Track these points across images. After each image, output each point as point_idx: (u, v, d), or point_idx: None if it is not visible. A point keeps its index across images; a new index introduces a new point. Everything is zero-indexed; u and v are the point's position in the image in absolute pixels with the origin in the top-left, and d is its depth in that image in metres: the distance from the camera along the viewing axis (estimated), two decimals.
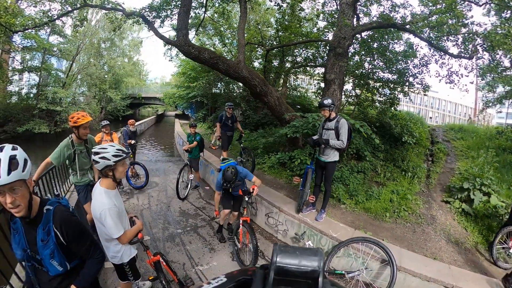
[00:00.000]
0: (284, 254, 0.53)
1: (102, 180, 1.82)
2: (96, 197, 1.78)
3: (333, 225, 3.54)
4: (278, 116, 6.07)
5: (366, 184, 5.16)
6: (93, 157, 1.74)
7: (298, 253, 0.54)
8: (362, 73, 7.40)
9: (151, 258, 2.36)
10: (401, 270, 2.81)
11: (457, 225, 4.22)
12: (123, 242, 1.86)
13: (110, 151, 1.75)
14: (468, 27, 5.45)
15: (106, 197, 1.74)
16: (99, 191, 1.79)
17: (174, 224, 4.42)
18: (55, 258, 1.34)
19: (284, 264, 0.52)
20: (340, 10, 5.93)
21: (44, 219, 1.31)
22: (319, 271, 0.52)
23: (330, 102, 3.31)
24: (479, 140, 8.37)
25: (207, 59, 5.00)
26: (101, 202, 1.72)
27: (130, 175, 6.14)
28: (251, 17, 12.63)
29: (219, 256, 3.54)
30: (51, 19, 7.83)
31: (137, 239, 1.95)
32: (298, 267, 0.52)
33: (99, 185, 1.82)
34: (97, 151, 1.75)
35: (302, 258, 0.53)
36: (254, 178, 3.38)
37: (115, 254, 1.92)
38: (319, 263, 0.52)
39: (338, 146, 3.29)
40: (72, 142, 2.94)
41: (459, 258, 3.36)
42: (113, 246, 1.89)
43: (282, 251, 0.54)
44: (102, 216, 1.71)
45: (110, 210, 1.71)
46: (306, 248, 0.58)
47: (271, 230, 4.17)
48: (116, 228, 1.75)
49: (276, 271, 0.52)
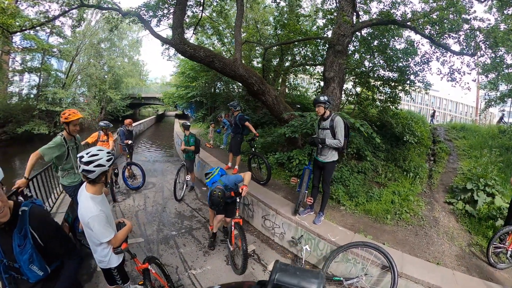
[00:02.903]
0: (284, 273, 0.52)
1: (88, 186, 1.74)
2: (82, 204, 1.73)
3: (332, 228, 3.41)
4: (276, 116, 5.95)
5: (367, 185, 5.03)
6: (86, 167, 1.63)
7: (299, 274, 0.52)
8: (362, 71, 7.26)
9: (139, 265, 2.28)
10: (403, 277, 2.68)
11: (460, 228, 4.09)
12: (116, 245, 1.83)
13: (103, 157, 1.68)
14: (470, 22, 5.31)
15: (93, 203, 1.69)
16: (85, 197, 1.72)
17: (169, 226, 4.34)
18: (35, 263, 1.30)
19: (283, 283, 0.50)
20: (339, 6, 5.80)
21: (20, 222, 1.26)
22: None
23: (325, 99, 3.20)
24: (481, 139, 8.23)
25: (203, 57, 4.90)
26: (88, 209, 1.68)
27: (127, 175, 6.06)
28: (250, 16, 12.51)
29: (213, 259, 3.44)
30: (48, 19, 7.82)
31: (121, 250, 1.86)
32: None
33: (85, 191, 1.75)
34: (89, 159, 1.64)
35: (302, 279, 0.51)
36: (244, 176, 3.19)
37: (102, 259, 1.87)
38: (318, 286, 0.50)
39: (335, 145, 3.17)
40: (64, 139, 2.95)
41: (463, 263, 3.23)
42: (101, 250, 1.84)
43: (282, 269, 0.53)
44: (90, 223, 1.67)
45: (98, 216, 1.67)
46: (307, 270, 0.56)
47: (267, 233, 4.05)
48: (105, 233, 1.72)
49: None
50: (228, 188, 3.12)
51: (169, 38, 6.00)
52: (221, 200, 2.86)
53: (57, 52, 21.38)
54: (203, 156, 6.58)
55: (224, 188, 3.02)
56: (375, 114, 7.95)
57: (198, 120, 16.47)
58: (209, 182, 3.23)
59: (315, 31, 8.82)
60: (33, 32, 16.89)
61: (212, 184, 3.17)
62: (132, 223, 2.16)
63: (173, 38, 4.97)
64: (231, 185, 3.14)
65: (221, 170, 3.39)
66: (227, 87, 15.35)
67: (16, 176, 10.45)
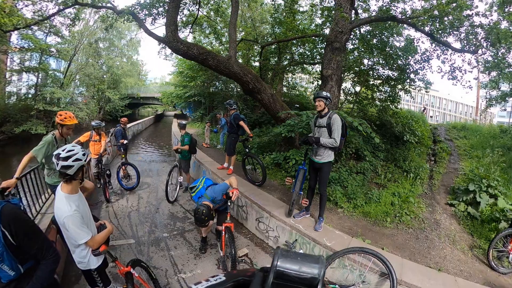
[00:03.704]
0: (285, 259, 0.53)
1: (63, 185, 1.71)
2: (57, 204, 1.70)
3: (328, 233, 3.25)
4: (272, 114, 5.81)
5: (366, 186, 4.89)
6: (64, 162, 1.61)
7: (300, 259, 0.53)
8: (361, 70, 7.13)
9: (121, 268, 2.17)
10: (402, 284, 2.53)
11: (462, 230, 3.95)
12: (94, 247, 1.78)
13: (78, 151, 1.69)
14: (472, 19, 5.16)
15: (67, 203, 1.66)
16: (60, 197, 1.69)
17: (161, 228, 4.22)
18: (5, 262, 1.27)
19: (284, 269, 0.52)
20: (337, 3, 5.65)
21: None
22: (319, 279, 0.51)
23: (327, 94, 3.05)
24: (482, 139, 8.10)
25: (196, 55, 4.76)
26: (62, 210, 1.64)
27: (121, 175, 5.95)
28: (248, 14, 12.39)
29: (204, 263, 3.31)
30: (43, 18, 7.76)
31: (99, 252, 1.80)
32: (298, 273, 0.51)
33: (60, 191, 1.71)
34: (67, 155, 1.64)
35: (303, 264, 0.52)
36: (230, 181, 2.98)
37: (81, 260, 1.82)
38: (319, 271, 0.52)
39: (330, 145, 3.00)
40: (55, 138, 2.95)
41: (466, 268, 3.09)
42: (80, 252, 1.79)
43: (284, 255, 0.54)
44: (65, 223, 1.63)
45: (73, 216, 1.63)
46: (308, 254, 0.56)
47: (261, 236, 3.90)
48: (81, 234, 1.67)
49: (275, 275, 0.52)
50: (216, 201, 2.90)
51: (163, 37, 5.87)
52: (205, 218, 2.62)
53: (55, 52, 21.27)
54: (198, 157, 6.44)
55: (211, 202, 2.81)
56: (375, 113, 7.81)
57: (196, 120, 16.34)
58: (195, 196, 3.01)
59: (313, 29, 8.69)
60: (31, 32, 16.82)
61: (198, 199, 2.94)
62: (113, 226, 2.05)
63: (166, 36, 4.84)
64: (219, 197, 2.89)
65: (206, 180, 3.13)
66: (225, 86, 15.22)
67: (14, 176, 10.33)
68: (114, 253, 3.33)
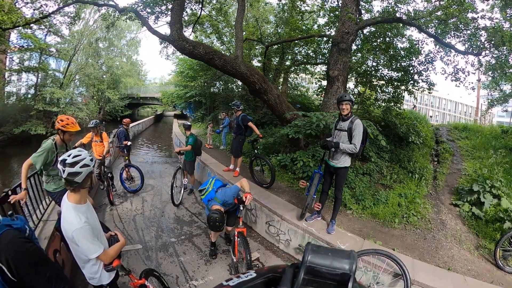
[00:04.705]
0: (316, 254, 0.53)
1: (70, 194, 1.56)
2: (65, 216, 1.54)
3: (340, 235, 3.28)
4: (278, 115, 5.81)
5: (373, 187, 4.91)
6: (72, 169, 1.46)
7: (331, 254, 0.53)
8: (365, 71, 7.16)
9: (135, 281, 2.07)
10: (415, 284, 2.57)
11: (468, 230, 3.99)
12: (107, 262, 1.64)
13: (86, 156, 1.53)
14: (476, 21, 5.20)
15: (76, 214, 1.51)
16: (67, 207, 1.53)
17: (167, 232, 4.14)
18: None
19: (315, 264, 0.51)
20: (343, 3, 5.67)
21: None
22: (350, 275, 0.50)
23: (352, 97, 3.00)
24: (484, 140, 8.16)
25: (202, 54, 4.75)
26: (70, 223, 1.50)
27: (125, 178, 5.88)
28: (250, 14, 12.38)
29: (215, 269, 3.26)
30: (43, 16, 7.67)
31: (112, 267, 1.68)
32: (329, 269, 0.51)
33: (67, 200, 1.56)
34: (74, 160, 1.48)
35: (334, 259, 0.52)
36: (241, 184, 2.88)
37: (93, 275, 1.70)
38: (350, 266, 0.51)
39: (349, 151, 2.94)
40: (55, 144, 2.77)
41: (473, 268, 3.13)
42: (90, 267, 1.66)
43: (314, 251, 0.54)
44: (75, 237, 1.48)
45: (83, 229, 1.48)
46: (339, 249, 0.56)
47: (272, 239, 3.89)
48: (93, 248, 1.53)
49: (306, 271, 0.52)
50: (227, 204, 2.82)
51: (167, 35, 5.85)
52: (220, 224, 2.59)
53: (54, 51, 21.14)
54: (203, 158, 6.43)
55: (222, 206, 2.76)
56: (379, 114, 7.85)
57: (197, 120, 16.31)
58: (204, 199, 2.92)
59: (317, 29, 8.70)
60: (30, 31, 16.68)
61: (208, 202, 2.88)
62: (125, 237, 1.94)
63: (171, 34, 4.82)
64: (230, 201, 2.81)
65: (216, 182, 3.03)
66: (226, 86, 15.20)
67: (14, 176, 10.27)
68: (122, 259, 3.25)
